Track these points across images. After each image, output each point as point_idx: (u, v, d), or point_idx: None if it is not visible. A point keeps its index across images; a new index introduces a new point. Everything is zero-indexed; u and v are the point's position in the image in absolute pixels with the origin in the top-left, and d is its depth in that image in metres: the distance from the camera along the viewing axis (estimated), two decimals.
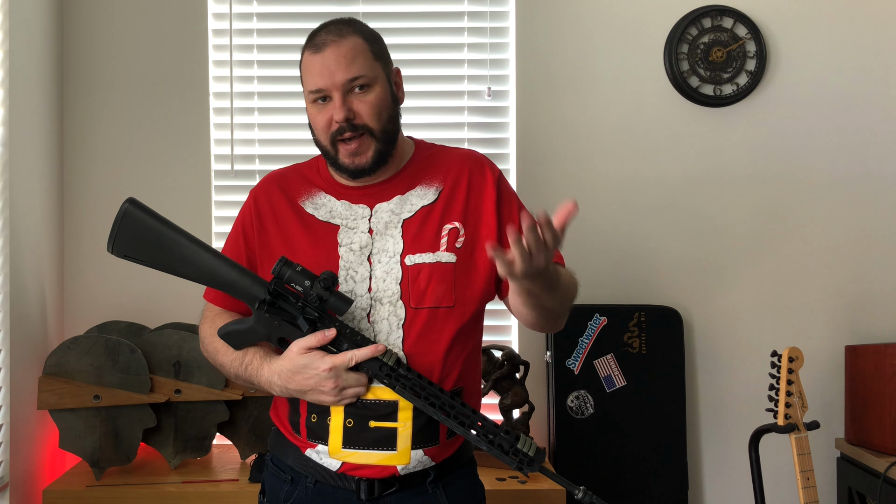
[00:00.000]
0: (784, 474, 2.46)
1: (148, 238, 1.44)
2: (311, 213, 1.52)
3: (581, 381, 2.49)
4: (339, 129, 1.45)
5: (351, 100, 1.44)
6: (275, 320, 1.42)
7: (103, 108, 2.56)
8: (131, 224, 1.44)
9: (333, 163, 1.49)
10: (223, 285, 1.45)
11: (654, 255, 2.59)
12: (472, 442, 1.38)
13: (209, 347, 1.55)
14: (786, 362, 2.04)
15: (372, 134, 1.46)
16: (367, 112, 1.45)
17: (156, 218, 1.45)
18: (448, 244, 1.48)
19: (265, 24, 2.60)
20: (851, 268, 2.59)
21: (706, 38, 2.57)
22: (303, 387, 1.41)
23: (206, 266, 1.44)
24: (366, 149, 1.46)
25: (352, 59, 1.44)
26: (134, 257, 1.45)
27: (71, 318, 2.55)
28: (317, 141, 1.51)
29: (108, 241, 1.45)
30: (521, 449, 1.36)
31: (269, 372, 1.44)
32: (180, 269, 1.44)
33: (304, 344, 1.40)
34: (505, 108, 2.62)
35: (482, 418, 1.39)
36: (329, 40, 1.45)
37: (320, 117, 1.46)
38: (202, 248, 1.44)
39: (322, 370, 1.38)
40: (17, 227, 2.20)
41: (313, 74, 1.45)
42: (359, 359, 1.38)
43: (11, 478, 2.15)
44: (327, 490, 1.47)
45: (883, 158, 2.59)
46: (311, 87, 1.46)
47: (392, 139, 1.50)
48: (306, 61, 1.48)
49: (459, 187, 1.52)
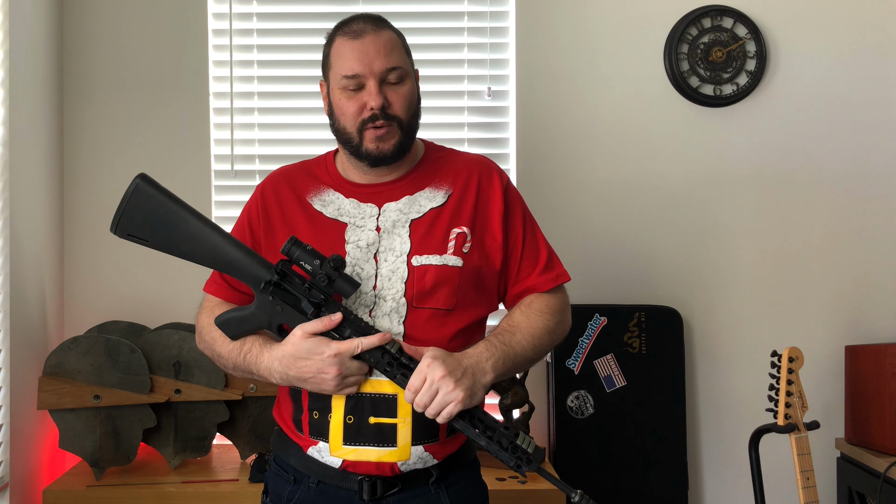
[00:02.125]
0: (784, 474, 2.45)
1: (155, 215, 1.40)
2: (318, 210, 1.52)
3: (581, 381, 2.49)
4: (371, 117, 1.45)
5: (386, 89, 1.45)
6: (277, 305, 1.40)
7: (103, 108, 2.56)
8: (140, 200, 1.40)
9: (356, 150, 1.48)
10: (227, 265, 1.42)
11: (654, 255, 2.59)
12: (471, 437, 1.37)
13: (206, 337, 1.53)
14: (786, 362, 2.04)
15: (400, 125, 1.47)
16: (400, 103, 1.46)
17: (166, 194, 1.42)
18: (456, 248, 1.48)
19: (265, 24, 2.60)
20: (851, 268, 2.60)
21: (706, 38, 2.57)
22: (304, 373, 1.38)
23: (212, 245, 1.41)
24: (391, 137, 1.46)
25: (391, 50, 1.46)
26: (137, 237, 1.41)
27: (71, 318, 2.55)
28: (340, 128, 1.49)
29: (113, 219, 1.41)
30: (520, 445, 1.36)
31: (269, 358, 1.42)
32: (185, 247, 1.41)
33: (309, 328, 1.38)
34: (505, 108, 2.61)
35: (482, 413, 1.38)
36: (368, 28, 1.46)
37: (351, 104, 1.46)
38: (210, 227, 1.42)
39: (327, 356, 1.36)
40: (17, 227, 2.20)
41: (349, 59, 1.45)
42: (365, 347, 1.37)
43: (11, 478, 2.15)
44: (330, 490, 1.47)
45: (883, 158, 2.59)
46: (346, 71, 1.45)
47: (413, 135, 1.52)
48: (340, 47, 1.46)
49: (469, 192, 1.52)
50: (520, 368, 1.50)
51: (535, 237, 1.57)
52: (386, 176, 1.52)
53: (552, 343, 1.54)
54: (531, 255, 1.55)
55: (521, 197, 1.59)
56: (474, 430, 1.37)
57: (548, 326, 1.51)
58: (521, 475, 1.40)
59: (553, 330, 1.52)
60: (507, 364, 1.44)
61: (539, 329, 1.50)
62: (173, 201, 1.41)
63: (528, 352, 1.48)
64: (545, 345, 1.52)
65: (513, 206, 1.55)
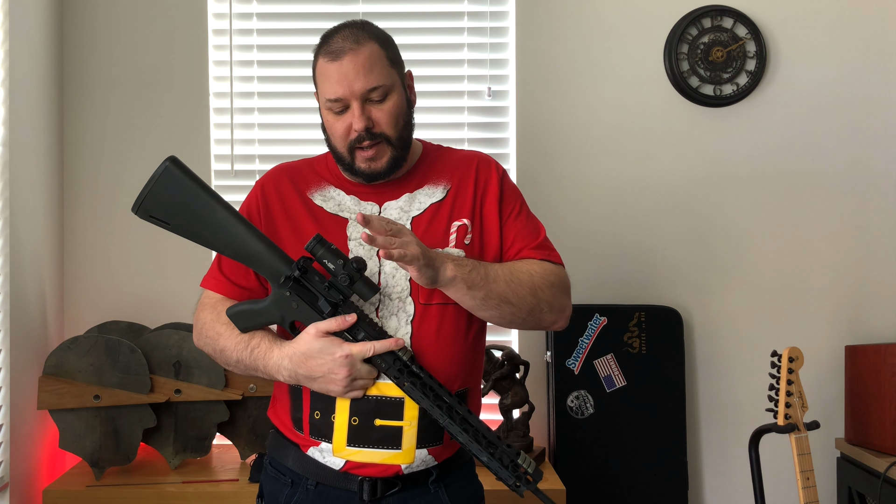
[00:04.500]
0: (784, 474, 2.45)
1: (182, 200, 1.39)
2: (319, 205, 1.52)
3: (581, 381, 2.49)
4: (357, 138, 1.44)
5: (369, 108, 1.44)
6: (294, 301, 1.39)
7: (103, 108, 2.56)
8: (167, 183, 1.39)
9: (349, 168, 1.49)
10: (249, 257, 1.41)
11: (654, 255, 2.59)
12: (473, 452, 1.37)
13: (209, 332, 1.50)
14: (786, 362, 2.04)
15: (389, 142, 1.46)
16: (386, 121, 1.45)
17: (195, 180, 1.41)
18: (457, 240, 1.49)
19: (265, 24, 2.60)
20: (851, 268, 2.59)
21: (706, 38, 2.57)
22: (313, 372, 1.38)
23: (236, 235, 1.40)
24: (382, 155, 1.46)
25: (370, 69, 1.43)
26: (159, 219, 1.40)
27: (71, 318, 2.55)
28: (332, 147, 1.50)
29: (137, 199, 1.39)
30: (520, 464, 1.36)
31: (279, 355, 1.41)
32: (207, 235, 1.40)
33: (323, 327, 1.38)
34: (505, 108, 2.61)
35: (486, 429, 1.38)
36: (346, 48, 1.43)
37: (338, 125, 1.46)
38: (236, 217, 1.41)
39: (338, 356, 1.36)
40: (17, 227, 2.20)
41: (331, 83, 1.44)
42: (377, 351, 1.37)
43: (11, 478, 2.15)
44: (329, 492, 1.46)
45: (883, 158, 2.59)
46: (329, 95, 1.45)
47: (407, 144, 1.51)
48: (322, 68, 1.46)
49: (467, 185, 1.53)
50: (488, 299, 1.42)
51: (530, 222, 1.56)
52: None
53: (535, 303, 1.45)
54: (526, 235, 1.53)
55: (518, 190, 1.59)
56: (477, 445, 1.37)
57: (533, 281, 1.45)
58: (519, 495, 1.40)
59: (538, 289, 1.45)
60: (474, 276, 1.39)
61: (522, 275, 1.45)
62: (202, 188, 1.40)
63: (500, 284, 1.42)
64: (523, 295, 1.44)
65: (508, 194, 1.55)
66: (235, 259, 1.44)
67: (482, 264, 1.43)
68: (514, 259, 1.51)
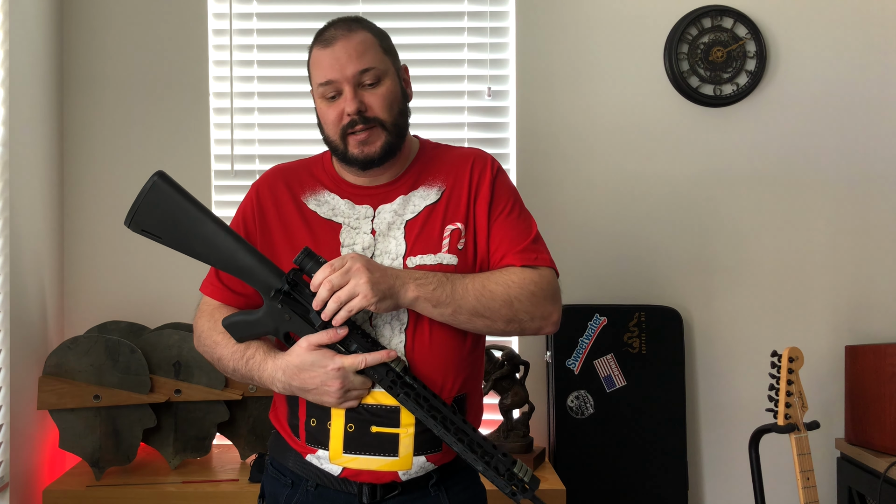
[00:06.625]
0: (784, 474, 2.45)
1: (171, 214, 1.40)
2: (313, 210, 1.51)
3: (581, 381, 2.49)
4: (350, 122, 1.43)
5: (362, 93, 1.44)
6: (286, 313, 1.39)
7: (103, 108, 2.56)
8: (156, 199, 1.39)
9: (343, 157, 1.47)
10: (239, 270, 1.41)
11: (654, 255, 2.59)
12: (469, 461, 1.37)
13: (207, 341, 1.51)
14: (786, 362, 2.04)
15: (383, 126, 1.45)
16: (379, 104, 1.44)
17: (183, 194, 1.41)
18: (450, 245, 1.47)
19: (265, 24, 2.60)
20: (851, 268, 2.59)
21: (706, 38, 2.57)
22: (307, 385, 1.38)
23: (226, 249, 1.40)
24: (375, 139, 1.45)
25: (362, 52, 1.43)
26: (152, 233, 1.41)
27: (71, 318, 2.55)
28: (326, 137, 1.49)
29: (128, 214, 1.40)
30: (516, 473, 1.36)
31: (273, 367, 1.41)
32: (198, 249, 1.41)
33: (315, 340, 1.37)
34: (505, 108, 2.61)
35: (481, 438, 1.38)
36: (339, 35, 1.44)
37: (330, 111, 1.45)
38: (225, 230, 1.41)
39: (330, 369, 1.36)
40: (17, 227, 2.20)
41: (323, 67, 1.44)
42: (370, 363, 1.36)
43: (11, 478, 2.15)
44: (329, 494, 1.46)
45: (883, 158, 2.59)
46: (320, 79, 1.45)
47: (402, 133, 1.49)
48: (315, 56, 1.46)
49: (461, 186, 1.50)
50: (458, 314, 1.40)
51: (520, 222, 1.51)
52: (380, 177, 1.51)
53: (511, 314, 1.42)
54: (513, 238, 1.49)
55: (513, 188, 1.56)
56: (473, 454, 1.36)
57: (508, 292, 1.41)
58: (516, 502, 1.40)
59: (514, 299, 1.41)
60: (438, 294, 1.37)
61: (496, 286, 1.41)
62: (190, 202, 1.41)
63: (469, 299, 1.39)
64: (496, 308, 1.40)
65: (499, 193, 1.51)
66: (227, 272, 1.44)
67: (450, 279, 1.40)
68: (497, 265, 1.48)
